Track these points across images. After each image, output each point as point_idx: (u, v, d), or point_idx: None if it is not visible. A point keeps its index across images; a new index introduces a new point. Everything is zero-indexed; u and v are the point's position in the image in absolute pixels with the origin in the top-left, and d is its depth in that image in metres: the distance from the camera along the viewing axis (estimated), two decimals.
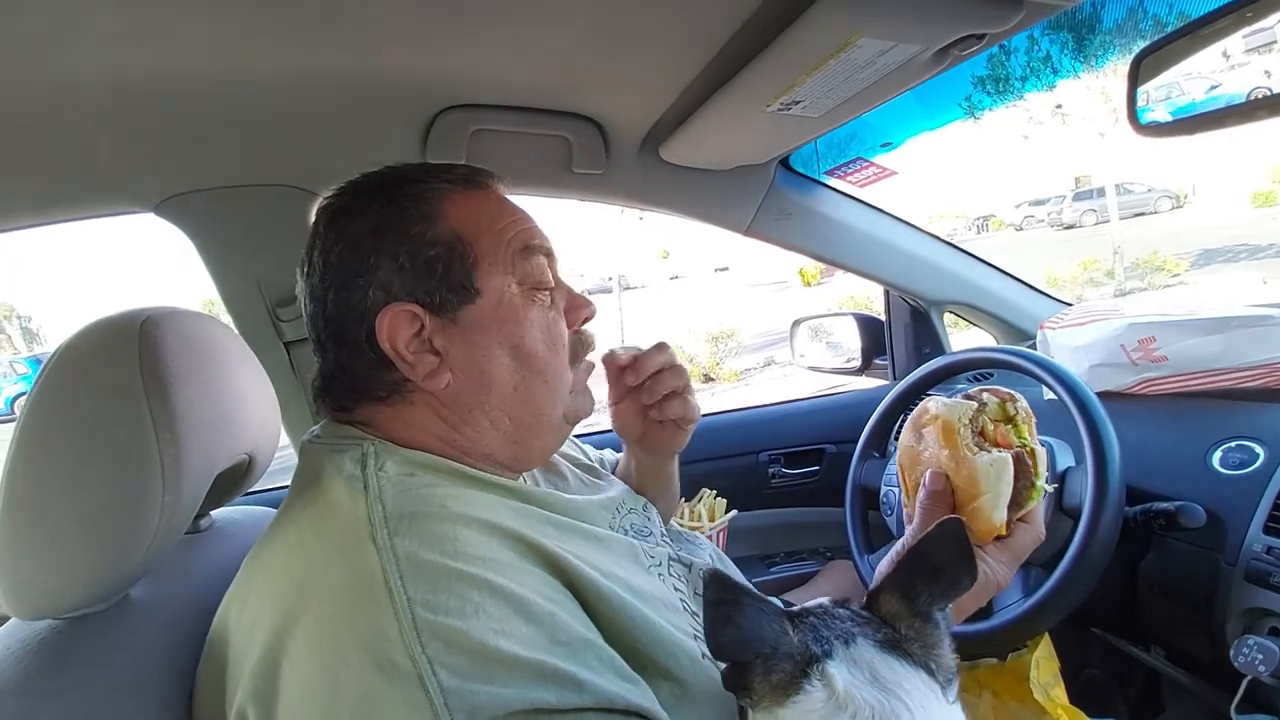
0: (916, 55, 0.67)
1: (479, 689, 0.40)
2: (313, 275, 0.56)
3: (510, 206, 0.60)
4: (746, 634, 0.42)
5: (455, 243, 0.55)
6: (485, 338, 0.56)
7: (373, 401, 0.56)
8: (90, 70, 0.68)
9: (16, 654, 0.48)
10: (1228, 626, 0.76)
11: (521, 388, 0.57)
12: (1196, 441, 0.86)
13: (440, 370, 0.55)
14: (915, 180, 19.58)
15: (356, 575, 0.43)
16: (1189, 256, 10.47)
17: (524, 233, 0.59)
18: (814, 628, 0.43)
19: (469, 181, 0.59)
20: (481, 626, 0.42)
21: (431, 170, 0.58)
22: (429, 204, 0.56)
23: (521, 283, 0.57)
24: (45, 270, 58.52)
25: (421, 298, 0.54)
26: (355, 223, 0.55)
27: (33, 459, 0.47)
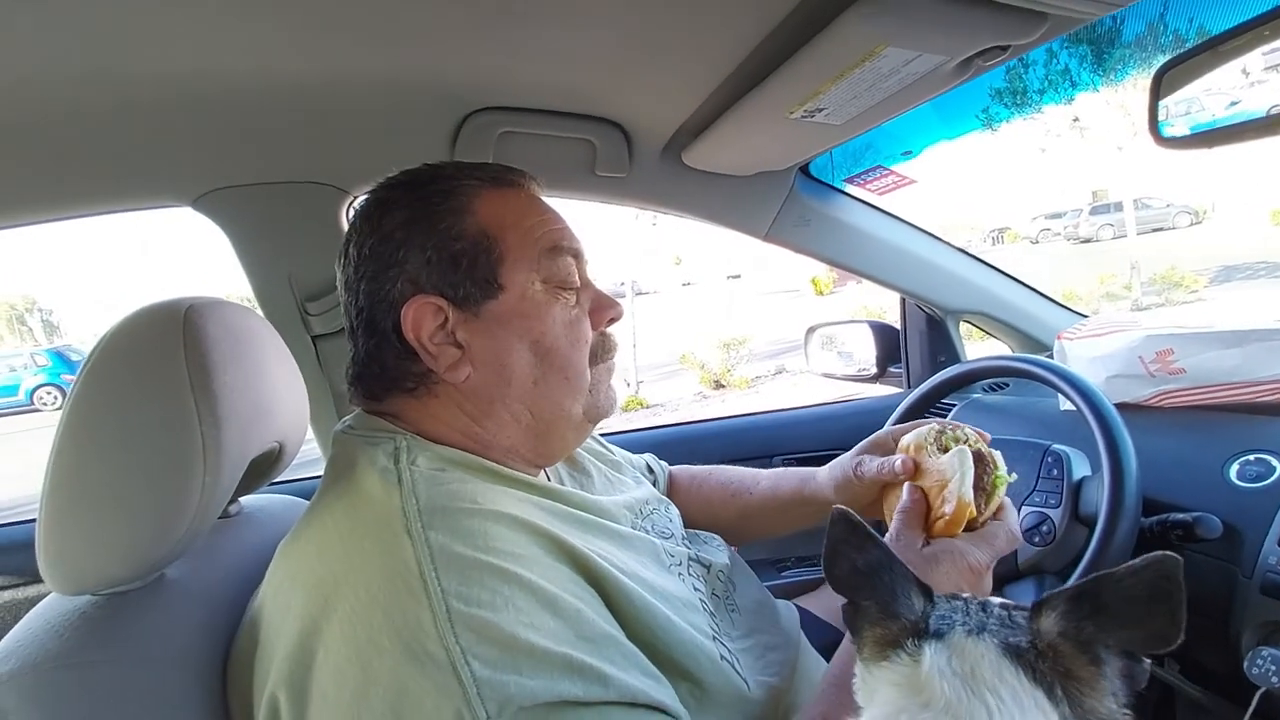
0: (940, 65, 0.68)
1: (509, 679, 0.41)
2: (348, 266, 0.59)
3: (540, 205, 0.62)
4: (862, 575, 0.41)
5: (481, 238, 0.57)
6: (506, 332, 0.57)
7: (401, 394, 0.58)
8: (136, 67, 0.71)
9: (56, 627, 0.49)
10: (1243, 639, 0.75)
11: (541, 382, 0.59)
12: (1214, 454, 0.85)
13: (461, 363, 0.56)
14: (930, 191, 19.52)
15: (392, 566, 0.45)
16: (1208, 273, 10.34)
17: (553, 232, 0.60)
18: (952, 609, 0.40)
19: (499, 180, 0.60)
20: (511, 619, 0.43)
21: (464, 168, 0.60)
22: (458, 200, 0.57)
23: (546, 281, 0.59)
24: (66, 264, 59.47)
25: (446, 291, 0.56)
26: (388, 217, 0.57)
27: (79, 439, 0.49)
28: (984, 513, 0.62)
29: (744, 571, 0.74)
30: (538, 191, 0.63)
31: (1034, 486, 0.85)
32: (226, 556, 0.64)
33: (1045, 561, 0.82)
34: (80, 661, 0.48)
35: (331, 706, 0.43)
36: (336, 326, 1.03)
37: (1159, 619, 0.36)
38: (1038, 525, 0.83)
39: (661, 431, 1.49)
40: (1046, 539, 0.82)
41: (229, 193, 0.94)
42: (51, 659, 0.47)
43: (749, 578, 0.74)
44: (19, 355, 14.51)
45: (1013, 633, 0.38)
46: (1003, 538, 0.62)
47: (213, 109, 0.81)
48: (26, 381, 13.30)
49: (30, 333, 30.61)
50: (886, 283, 1.32)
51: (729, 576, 0.69)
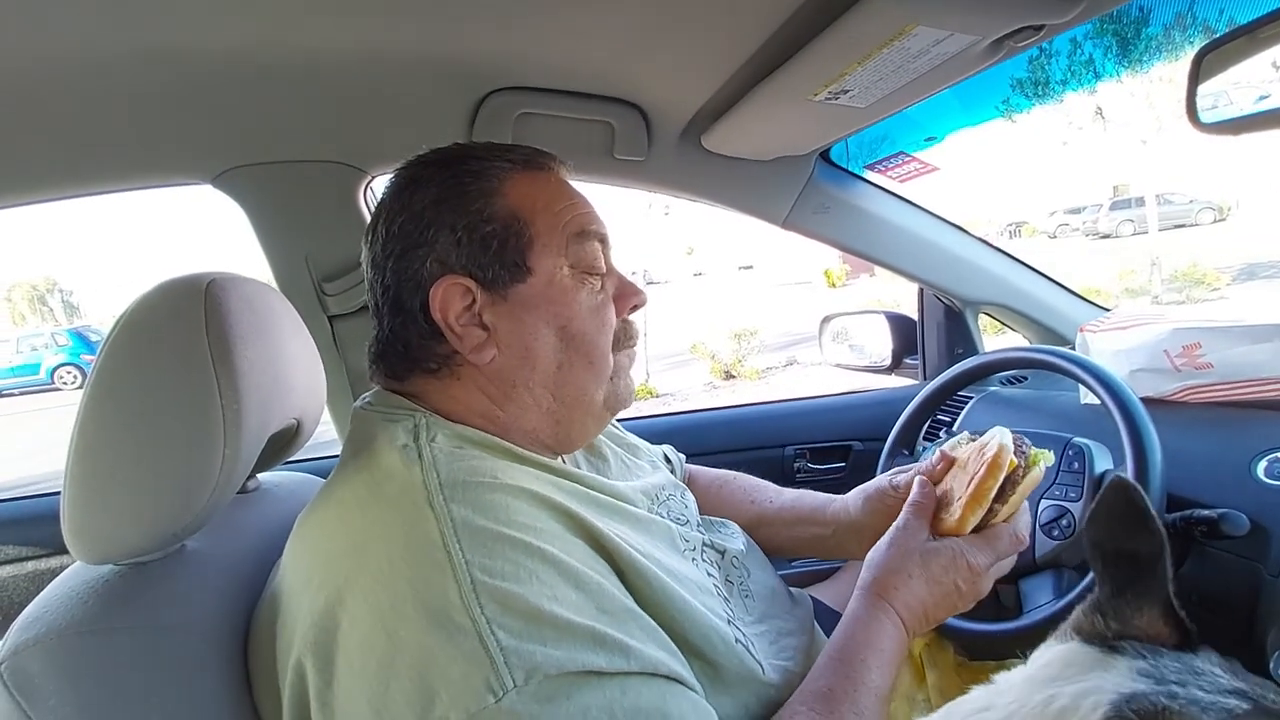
0: (972, 45, 0.66)
1: (535, 649, 0.41)
2: (375, 243, 0.59)
3: (569, 190, 0.61)
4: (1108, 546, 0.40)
5: (512, 221, 0.57)
6: (533, 316, 0.57)
7: (423, 374, 0.58)
8: (154, 43, 0.71)
9: (81, 595, 0.50)
10: (1269, 638, 0.74)
11: (565, 367, 0.59)
12: (1241, 450, 0.84)
13: (487, 345, 0.56)
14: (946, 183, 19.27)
15: (415, 537, 0.45)
16: (1230, 270, 10.15)
17: (581, 217, 0.60)
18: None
19: (530, 163, 0.60)
20: (535, 591, 0.43)
21: (495, 149, 0.60)
22: (489, 181, 0.57)
23: (574, 266, 0.59)
24: (86, 245, 60.24)
25: (475, 272, 0.56)
26: (419, 195, 0.57)
27: (103, 412, 0.49)
28: (998, 516, 0.62)
29: (759, 558, 0.74)
30: (566, 176, 0.63)
31: (1054, 479, 0.84)
32: (245, 530, 0.64)
33: (1064, 555, 0.81)
34: (102, 628, 0.48)
35: (358, 675, 0.43)
36: (353, 307, 1.03)
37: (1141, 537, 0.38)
38: (1057, 519, 0.82)
39: (672, 419, 1.48)
40: (1066, 533, 0.81)
41: (249, 170, 0.94)
42: (75, 625, 0.48)
43: (764, 564, 0.74)
44: (40, 335, 14.76)
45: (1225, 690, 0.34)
46: (1005, 540, 0.62)
47: (233, 86, 0.81)
48: (48, 361, 13.54)
49: (51, 313, 31.12)
50: (905, 272, 1.30)
51: (743, 562, 0.69)
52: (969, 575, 0.60)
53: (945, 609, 0.61)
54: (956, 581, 0.60)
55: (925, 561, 0.60)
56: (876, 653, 0.56)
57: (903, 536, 0.62)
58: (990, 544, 0.61)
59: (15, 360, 13.80)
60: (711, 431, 1.41)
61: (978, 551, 0.61)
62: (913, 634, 0.60)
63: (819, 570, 1.27)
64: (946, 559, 0.60)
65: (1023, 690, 0.37)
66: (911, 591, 0.59)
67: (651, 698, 0.44)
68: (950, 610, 0.61)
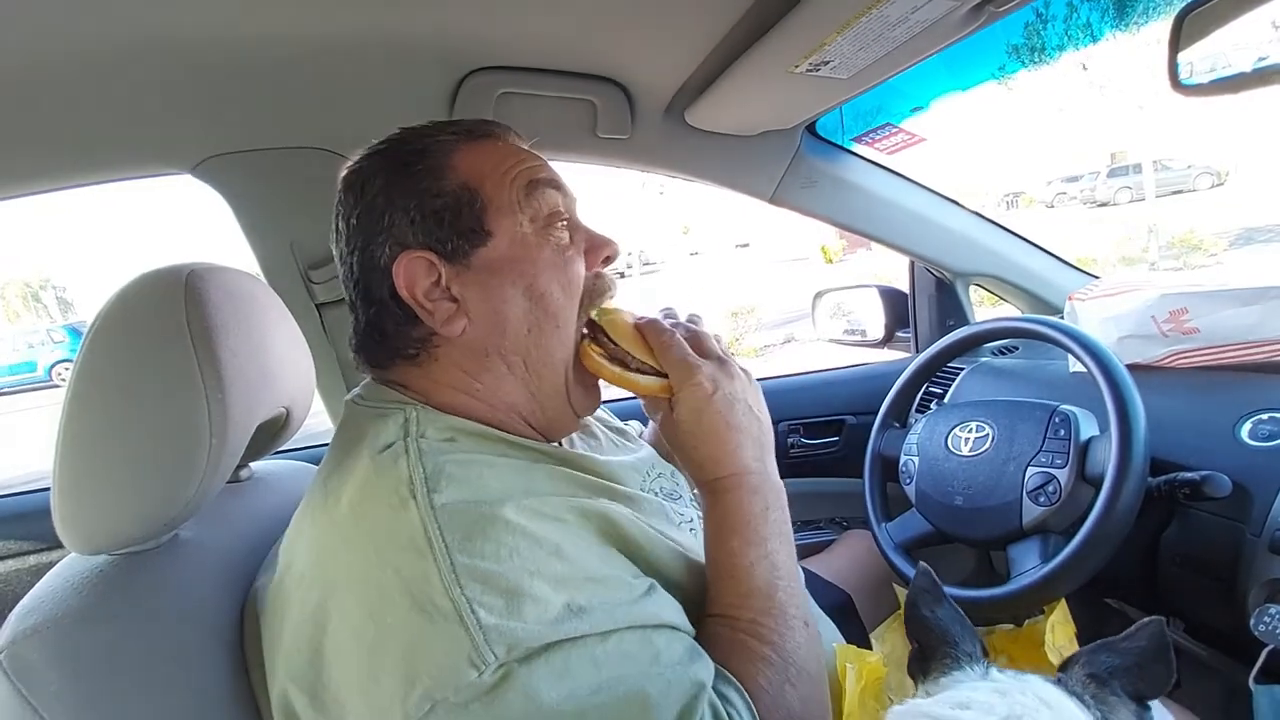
0: (950, 11, 0.66)
1: (516, 625, 0.42)
2: (340, 240, 0.59)
3: (517, 150, 0.61)
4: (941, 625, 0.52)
5: (462, 190, 0.56)
6: (499, 279, 0.57)
7: (404, 361, 0.58)
8: (129, 32, 0.70)
9: (76, 585, 0.51)
10: (1250, 597, 0.75)
11: (535, 330, 0.58)
12: (1225, 413, 0.84)
13: (457, 316, 0.56)
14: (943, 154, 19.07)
15: (398, 529, 0.46)
16: (1228, 236, 10.10)
17: (528, 169, 0.59)
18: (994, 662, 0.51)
19: (474, 132, 0.60)
20: (515, 568, 0.44)
21: (438, 126, 0.60)
22: (435, 158, 0.57)
23: (534, 219, 0.58)
24: (78, 242, 59.84)
25: (435, 246, 0.56)
26: (370, 185, 0.57)
27: (88, 404, 0.50)
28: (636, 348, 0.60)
29: None
30: (517, 141, 0.62)
31: (1040, 446, 0.85)
32: (238, 519, 0.65)
33: (1051, 521, 0.82)
34: (99, 616, 0.49)
35: (350, 666, 0.44)
36: (340, 294, 1.02)
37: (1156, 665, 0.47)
38: (1044, 485, 0.83)
39: None
40: (1052, 498, 0.82)
41: (228, 159, 0.93)
42: (72, 614, 0.48)
43: None
44: (36, 332, 14.72)
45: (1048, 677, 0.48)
46: (665, 334, 0.60)
47: (210, 74, 0.80)
48: (45, 358, 13.52)
49: (45, 309, 30.98)
50: (895, 245, 1.30)
51: None
52: (708, 390, 0.58)
53: (747, 420, 0.59)
54: (711, 403, 0.58)
55: (683, 430, 0.59)
56: (735, 531, 0.56)
57: (665, 435, 0.61)
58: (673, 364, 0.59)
59: (12, 358, 13.79)
60: None
61: (683, 377, 0.59)
62: (755, 472, 0.58)
63: (813, 543, 1.29)
64: (685, 408, 0.58)
65: None
66: (707, 454, 0.58)
67: (636, 641, 0.45)
68: (749, 409, 0.60)
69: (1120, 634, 0.48)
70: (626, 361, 0.61)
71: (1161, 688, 0.47)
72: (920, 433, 1.00)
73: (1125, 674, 0.47)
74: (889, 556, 0.97)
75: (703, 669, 0.47)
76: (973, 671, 0.47)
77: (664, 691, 0.43)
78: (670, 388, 0.60)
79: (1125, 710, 0.46)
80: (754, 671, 0.50)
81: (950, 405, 1.04)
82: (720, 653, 0.50)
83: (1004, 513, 0.85)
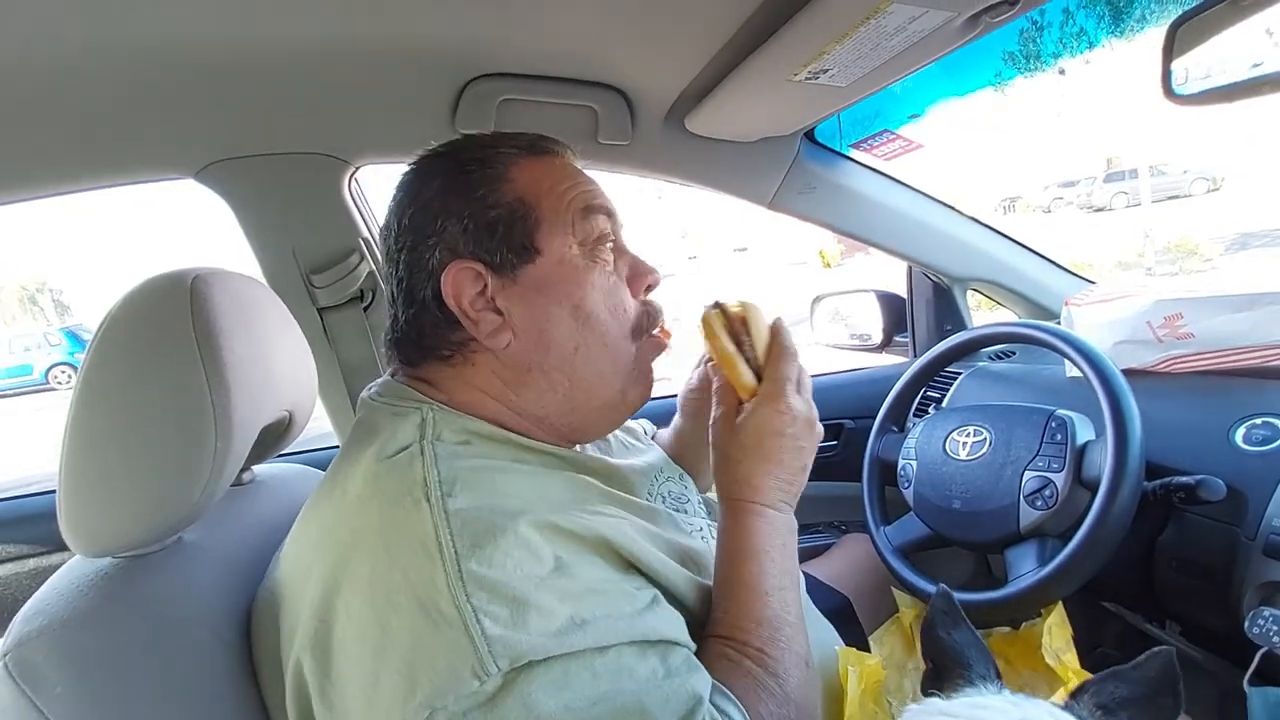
0: (947, 21, 0.67)
1: (520, 637, 0.42)
2: (389, 237, 0.59)
3: (575, 171, 0.62)
4: (957, 648, 0.52)
5: (517, 205, 0.57)
6: (545, 298, 0.57)
7: (437, 361, 0.59)
8: (133, 37, 0.70)
9: (81, 587, 0.51)
10: (1244, 600, 0.76)
11: (582, 349, 0.58)
12: (1220, 418, 0.85)
13: (502, 329, 0.57)
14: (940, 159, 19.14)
15: (409, 531, 0.46)
16: (1224, 241, 10.14)
17: (585, 194, 0.60)
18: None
19: (534, 148, 0.60)
20: (522, 578, 0.44)
21: (501, 138, 0.60)
22: (494, 168, 0.58)
23: (583, 243, 0.59)
24: (75, 245, 59.73)
25: (484, 257, 0.56)
26: (426, 187, 0.58)
27: (93, 408, 0.50)
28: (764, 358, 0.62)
29: None
30: (574, 160, 0.63)
31: (1037, 451, 0.86)
32: (242, 522, 0.65)
33: (1047, 524, 0.83)
34: (103, 619, 0.49)
35: (353, 666, 0.44)
36: (342, 298, 1.03)
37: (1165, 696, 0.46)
38: (1040, 489, 0.83)
39: (667, 402, 1.49)
40: (1049, 502, 0.82)
41: (232, 164, 0.94)
42: (77, 617, 0.49)
43: None
44: (32, 335, 14.67)
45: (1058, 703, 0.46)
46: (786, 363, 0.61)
47: (214, 80, 0.81)
48: (41, 361, 13.47)
49: (42, 312, 30.90)
50: (892, 250, 1.30)
51: None
52: (782, 419, 0.58)
53: (796, 466, 0.60)
54: (782, 433, 0.59)
55: (738, 441, 0.59)
56: (750, 557, 0.55)
57: (715, 430, 0.62)
58: (775, 380, 0.60)
59: (9, 361, 13.74)
60: None
61: (777, 394, 0.59)
62: (788, 505, 0.59)
63: (813, 546, 1.29)
64: (752, 424, 0.59)
65: None
66: (748, 474, 0.58)
67: (634, 655, 0.45)
68: (800, 456, 0.60)
69: (1129, 662, 0.48)
70: (741, 345, 0.61)
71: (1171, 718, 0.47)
72: (918, 437, 1.00)
73: (1133, 705, 0.47)
74: (887, 560, 0.97)
75: (700, 682, 0.47)
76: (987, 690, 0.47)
77: (662, 704, 0.44)
78: (756, 392, 0.60)
79: None
80: (756, 700, 0.50)
81: (948, 409, 1.05)
82: (722, 674, 0.50)
83: (1001, 516, 0.86)
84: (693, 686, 0.46)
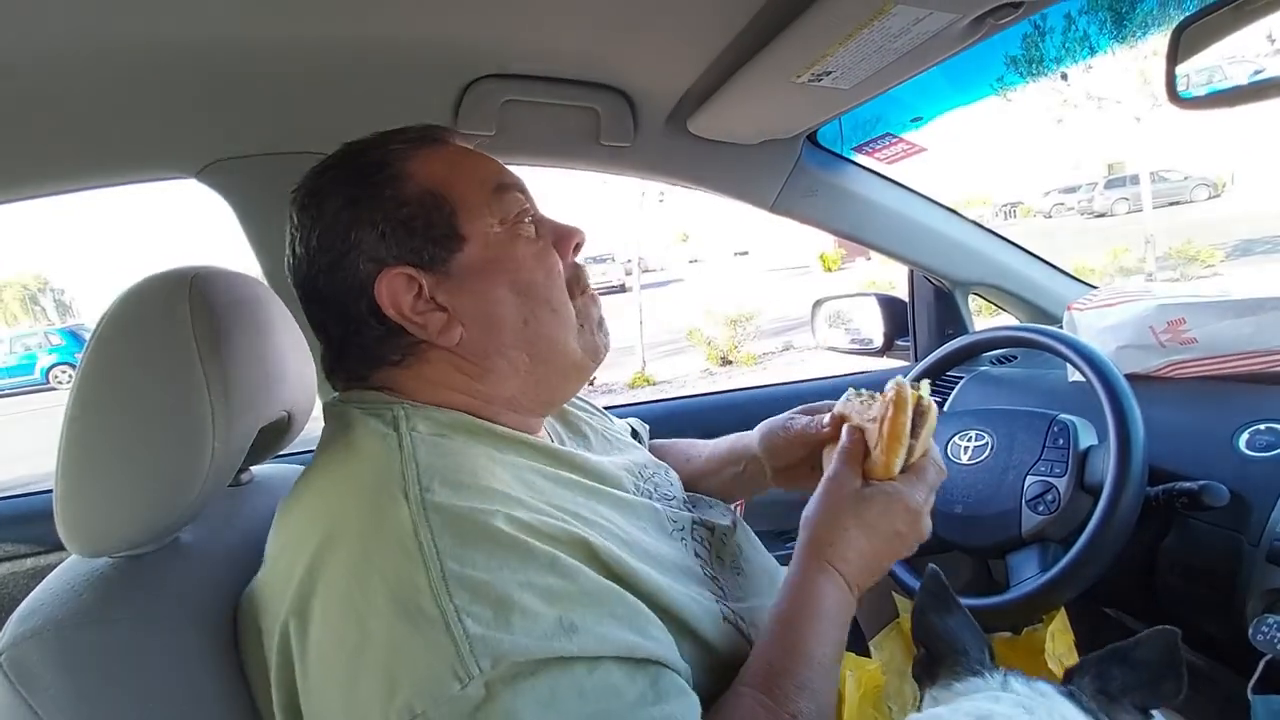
0: (951, 24, 0.66)
1: (502, 637, 0.41)
2: (300, 268, 0.57)
3: (472, 153, 0.61)
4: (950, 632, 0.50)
5: (427, 197, 0.56)
6: (484, 282, 0.57)
7: (389, 367, 0.58)
8: (135, 36, 0.70)
9: (76, 587, 0.51)
10: (1248, 607, 0.76)
11: (531, 320, 0.58)
12: (1223, 423, 0.85)
13: (451, 325, 0.56)
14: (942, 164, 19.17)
15: (388, 528, 0.45)
16: (1225, 247, 10.14)
17: (493, 173, 0.59)
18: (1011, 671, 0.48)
19: (425, 138, 0.59)
20: (506, 579, 0.43)
21: (386, 137, 0.59)
22: (392, 167, 0.56)
23: (503, 221, 0.58)
24: (76, 244, 59.86)
25: (411, 258, 0.55)
26: (327, 203, 0.56)
27: (91, 407, 0.50)
28: (915, 453, 0.61)
29: (748, 535, 0.75)
30: (464, 143, 0.62)
31: (1039, 456, 0.85)
32: (239, 522, 0.65)
33: (1049, 529, 0.82)
34: (99, 619, 0.49)
35: (330, 665, 0.43)
36: None
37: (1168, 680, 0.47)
38: (1042, 494, 0.83)
39: (669, 404, 1.49)
40: (1051, 507, 0.82)
41: (233, 164, 0.94)
42: (72, 617, 0.48)
43: (753, 542, 0.75)
44: (33, 335, 14.71)
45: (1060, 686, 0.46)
46: (933, 473, 0.61)
47: (215, 80, 0.81)
48: (42, 360, 13.50)
49: (43, 312, 30.97)
50: (894, 254, 1.30)
51: (734, 539, 0.70)
52: (908, 517, 0.58)
53: (889, 556, 0.59)
54: (896, 526, 0.58)
55: (859, 511, 0.58)
56: (816, 619, 0.54)
57: (834, 487, 0.60)
58: (921, 479, 0.60)
59: (9, 360, 13.76)
60: (706, 416, 1.42)
61: (912, 490, 0.59)
62: (859, 589, 0.58)
63: None
64: (882, 504, 0.58)
65: None
66: (850, 545, 0.57)
67: (623, 676, 0.44)
68: (894, 557, 0.59)
69: (1131, 640, 0.47)
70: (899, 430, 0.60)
71: (1171, 700, 0.46)
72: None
73: (1135, 690, 0.46)
74: None
75: (691, 711, 0.45)
76: (991, 680, 0.46)
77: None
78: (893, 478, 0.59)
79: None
80: None
81: (949, 414, 1.05)
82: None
83: (1003, 521, 0.86)
84: (683, 715, 0.45)
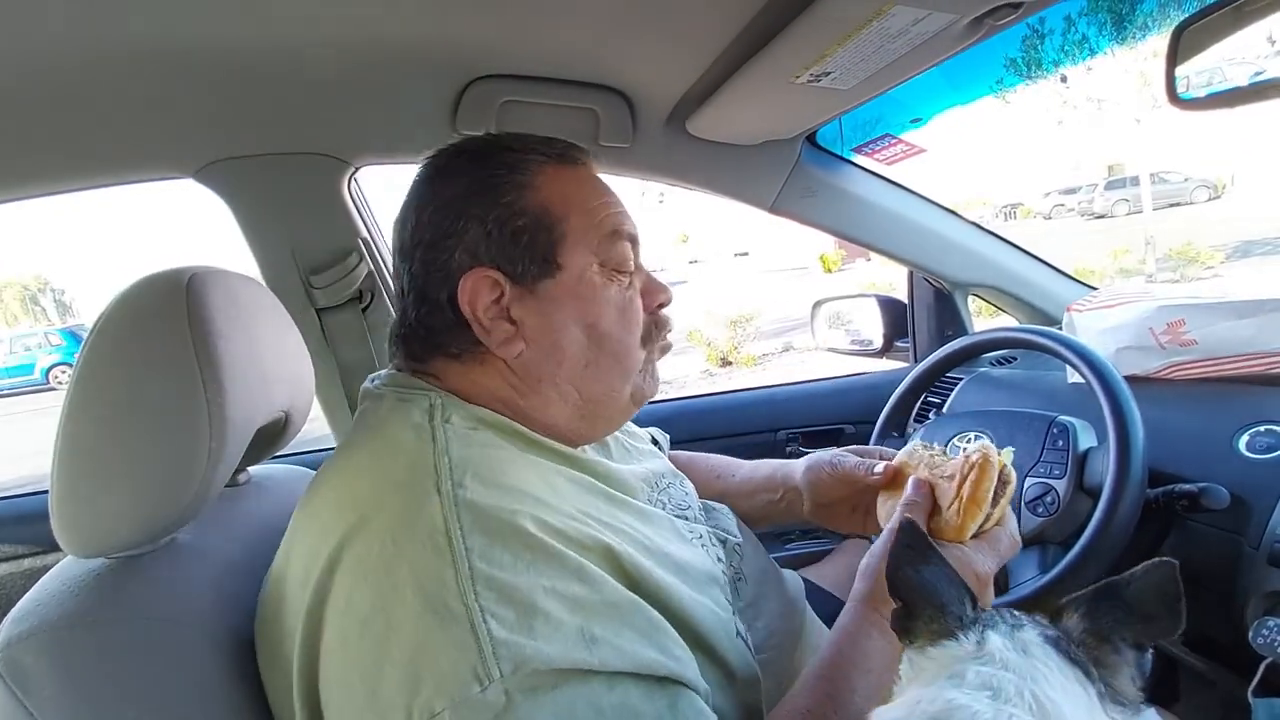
0: (950, 25, 0.66)
1: (525, 642, 0.41)
2: (404, 231, 0.58)
3: (602, 186, 0.61)
4: (925, 583, 0.47)
5: (543, 215, 0.56)
6: (561, 312, 0.57)
7: (445, 357, 0.58)
8: (134, 37, 0.70)
9: (72, 588, 0.51)
10: (1248, 609, 0.75)
11: (593, 365, 0.58)
12: (1223, 425, 0.85)
13: (514, 339, 0.56)
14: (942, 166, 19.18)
15: (419, 521, 0.45)
16: (1225, 248, 10.14)
17: (614, 216, 0.59)
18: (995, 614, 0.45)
19: (564, 156, 0.59)
20: (532, 583, 0.43)
21: (528, 141, 0.59)
22: (522, 174, 0.56)
23: (604, 264, 0.58)
24: (77, 244, 59.89)
25: (504, 265, 0.55)
26: (450, 185, 0.57)
27: (88, 407, 0.50)
28: (990, 521, 0.60)
29: (750, 540, 0.75)
30: (596, 170, 0.62)
31: (1039, 457, 0.85)
32: (236, 523, 0.65)
33: (1048, 531, 0.82)
34: (94, 620, 0.49)
35: (354, 653, 0.43)
36: (341, 299, 1.03)
37: (1164, 616, 0.43)
38: (1041, 496, 0.83)
39: (669, 405, 1.49)
40: (1050, 509, 0.82)
41: (231, 164, 0.94)
42: (67, 618, 0.48)
43: (755, 546, 0.74)
44: (34, 335, 14.71)
45: (1048, 629, 0.44)
46: (1005, 543, 0.60)
47: (214, 80, 0.81)
48: (42, 361, 13.50)
49: (44, 312, 30.99)
50: (894, 255, 1.30)
51: (741, 548, 0.70)
52: (977, 584, 0.55)
53: None
54: None
55: None
56: (863, 673, 0.53)
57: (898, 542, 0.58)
58: (993, 548, 0.58)
59: (9, 361, 13.76)
60: (706, 417, 1.42)
61: (983, 558, 0.57)
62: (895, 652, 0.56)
63: (812, 552, 1.28)
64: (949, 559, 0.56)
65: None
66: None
67: (641, 696, 0.43)
68: None
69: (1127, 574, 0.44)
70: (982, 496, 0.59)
71: (1168, 636, 0.44)
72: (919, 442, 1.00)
73: (1128, 627, 0.43)
74: None
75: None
76: (965, 641, 0.43)
77: None
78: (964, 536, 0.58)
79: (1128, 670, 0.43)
80: None
81: (949, 415, 1.05)
82: None
83: None
84: None
